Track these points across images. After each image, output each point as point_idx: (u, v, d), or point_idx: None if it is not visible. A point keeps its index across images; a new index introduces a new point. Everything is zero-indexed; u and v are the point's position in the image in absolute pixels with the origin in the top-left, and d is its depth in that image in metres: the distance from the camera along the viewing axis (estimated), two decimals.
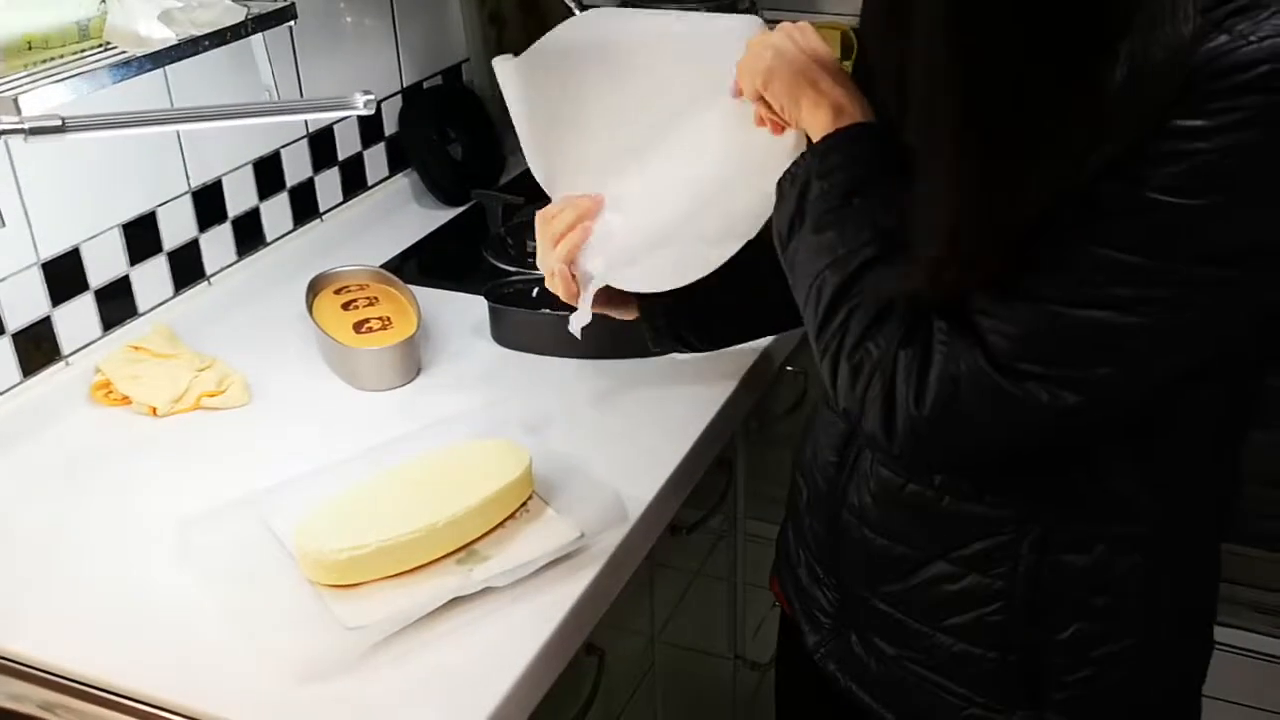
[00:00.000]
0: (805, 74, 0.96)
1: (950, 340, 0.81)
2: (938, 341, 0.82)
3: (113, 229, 1.37)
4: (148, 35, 1.15)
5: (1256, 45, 0.71)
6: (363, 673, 0.95)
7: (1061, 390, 0.79)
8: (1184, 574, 0.95)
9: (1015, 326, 0.79)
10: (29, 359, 1.29)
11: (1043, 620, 0.92)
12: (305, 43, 1.58)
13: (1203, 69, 0.72)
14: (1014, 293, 0.79)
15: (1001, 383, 0.80)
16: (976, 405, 0.81)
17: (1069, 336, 0.78)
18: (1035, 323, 0.78)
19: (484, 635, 0.98)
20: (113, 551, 1.10)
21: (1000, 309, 0.80)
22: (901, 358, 0.83)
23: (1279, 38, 0.71)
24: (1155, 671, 0.96)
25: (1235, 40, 0.72)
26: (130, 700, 0.95)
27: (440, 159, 1.82)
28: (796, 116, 0.96)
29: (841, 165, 0.90)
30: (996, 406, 0.80)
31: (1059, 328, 0.78)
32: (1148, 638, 0.93)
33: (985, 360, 0.80)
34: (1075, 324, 0.77)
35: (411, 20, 1.80)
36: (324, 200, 1.70)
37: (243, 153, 1.54)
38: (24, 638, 1.00)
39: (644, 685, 1.34)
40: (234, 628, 0.99)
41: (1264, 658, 2.01)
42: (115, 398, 1.32)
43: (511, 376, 1.36)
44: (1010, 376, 0.79)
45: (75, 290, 1.33)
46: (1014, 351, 0.79)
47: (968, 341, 0.81)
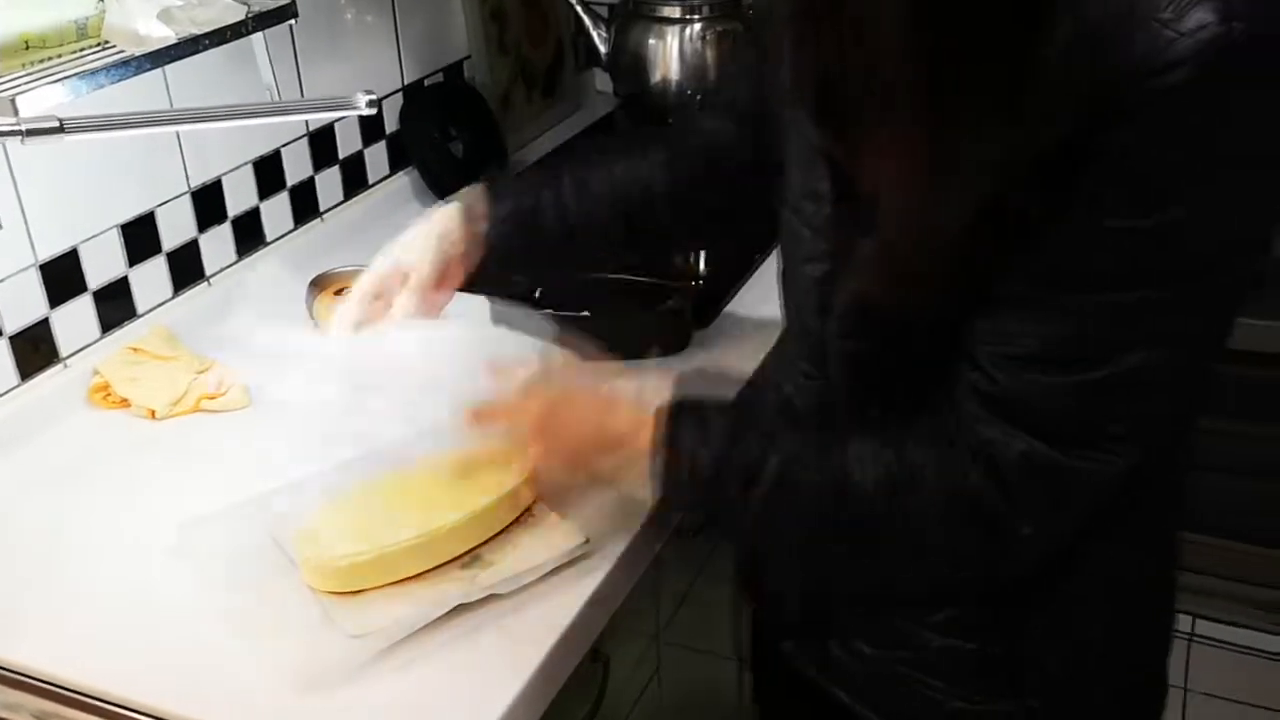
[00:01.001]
0: (581, 457, 0.95)
1: (999, 447, 0.81)
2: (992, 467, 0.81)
3: (111, 229, 1.36)
4: (147, 34, 1.13)
5: (1185, 39, 0.68)
6: (366, 681, 0.94)
7: (1116, 450, 0.79)
8: (1147, 553, 0.96)
9: (1045, 405, 0.79)
10: (27, 361, 1.28)
11: (1019, 608, 0.92)
12: (306, 41, 1.56)
13: (1131, 67, 0.69)
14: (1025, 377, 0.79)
15: (1062, 461, 0.79)
16: (1053, 490, 0.81)
17: (1101, 396, 0.78)
18: (1045, 396, 0.78)
19: (489, 643, 0.97)
20: (111, 556, 1.08)
21: (1023, 393, 0.79)
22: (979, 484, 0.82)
23: (1203, 30, 0.68)
24: (1127, 649, 0.97)
25: (1163, 31, 0.69)
26: (127, 709, 0.94)
27: (442, 157, 1.81)
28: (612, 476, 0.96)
29: (692, 441, 0.89)
30: (1068, 487, 0.81)
31: (1070, 396, 0.78)
32: (1117, 617, 0.94)
33: (1042, 446, 0.79)
34: (1085, 384, 0.77)
35: (412, 17, 1.79)
36: (325, 199, 1.68)
37: (243, 152, 1.53)
38: (19, 644, 0.99)
39: (649, 688, 1.33)
40: (234, 635, 0.98)
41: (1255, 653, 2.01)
42: (114, 400, 1.30)
43: None
44: (1070, 453, 0.79)
45: (73, 292, 1.32)
46: (1060, 432, 0.79)
47: (1013, 442, 0.80)
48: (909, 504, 0.84)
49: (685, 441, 0.89)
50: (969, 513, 0.82)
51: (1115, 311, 0.75)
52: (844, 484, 0.85)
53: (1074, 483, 0.80)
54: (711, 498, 0.91)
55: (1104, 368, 0.76)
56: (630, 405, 0.93)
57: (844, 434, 0.87)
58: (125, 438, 1.26)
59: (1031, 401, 0.79)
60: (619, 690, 1.20)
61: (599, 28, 1.94)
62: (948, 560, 0.87)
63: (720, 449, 0.88)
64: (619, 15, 1.93)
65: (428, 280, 1.07)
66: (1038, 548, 0.84)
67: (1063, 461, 0.79)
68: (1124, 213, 0.72)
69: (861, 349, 0.91)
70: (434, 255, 1.08)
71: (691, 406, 0.91)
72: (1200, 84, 0.68)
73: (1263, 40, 0.69)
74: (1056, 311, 0.77)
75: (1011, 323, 0.79)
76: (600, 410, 0.94)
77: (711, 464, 0.88)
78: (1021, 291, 0.78)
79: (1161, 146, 0.70)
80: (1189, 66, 0.68)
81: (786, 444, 0.87)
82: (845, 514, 0.85)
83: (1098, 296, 0.75)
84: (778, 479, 0.86)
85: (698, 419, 0.90)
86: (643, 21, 1.89)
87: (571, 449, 0.95)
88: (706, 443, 0.88)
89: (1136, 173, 0.71)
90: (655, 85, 1.87)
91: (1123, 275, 0.74)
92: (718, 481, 0.88)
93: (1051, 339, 0.78)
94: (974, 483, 0.81)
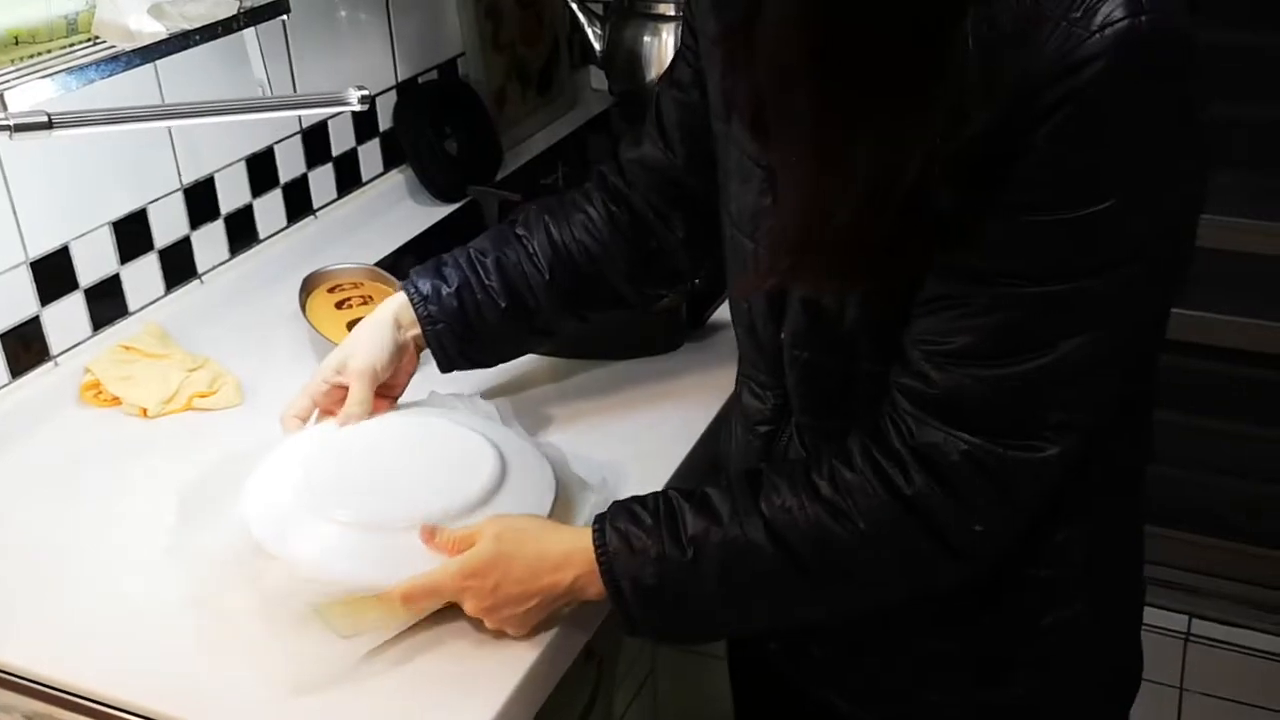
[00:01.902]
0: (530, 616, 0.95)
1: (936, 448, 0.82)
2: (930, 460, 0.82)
3: (103, 227, 1.35)
4: (138, 30, 1.13)
5: (1098, 36, 0.70)
6: (358, 681, 0.93)
7: (1056, 439, 0.80)
8: (1112, 540, 0.97)
9: (983, 400, 0.80)
10: (17, 360, 1.27)
11: (996, 600, 0.93)
12: (298, 37, 1.56)
13: (1047, 65, 0.71)
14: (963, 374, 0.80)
15: (1004, 455, 0.81)
16: (999, 485, 0.82)
17: (1029, 388, 0.79)
18: (982, 390, 0.80)
19: (482, 643, 0.96)
20: (102, 556, 1.08)
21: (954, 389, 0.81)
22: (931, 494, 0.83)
23: (1113, 26, 0.70)
24: (1102, 633, 0.98)
25: (1073, 30, 0.71)
26: (118, 710, 0.93)
27: (435, 155, 1.80)
28: None
29: (633, 554, 0.90)
30: (1014, 479, 0.82)
31: (1008, 388, 0.79)
32: (1091, 602, 0.95)
33: (982, 442, 0.81)
34: (1023, 376, 0.79)
35: (406, 14, 1.78)
36: (318, 197, 1.67)
37: (235, 149, 1.52)
38: (10, 645, 0.98)
39: (644, 689, 1.32)
40: (225, 635, 0.97)
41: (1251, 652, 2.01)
42: (105, 398, 1.29)
43: (507, 374, 1.34)
44: (1011, 445, 0.81)
45: (64, 289, 1.31)
46: (1000, 426, 0.81)
47: (948, 439, 0.81)
48: (841, 545, 0.85)
49: (621, 569, 0.90)
50: (918, 526, 0.83)
51: (1048, 302, 0.77)
52: (779, 540, 0.86)
53: (1019, 474, 0.81)
54: (669, 610, 0.91)
55: (1039, 358, 0.78)
56: (562, 556, 0.93)
57: (763, 489, 0.88)
58: (117, 436, 1.25)
59: (969, 398, 0.80)
60: (609, 693, 1.20)
61: (594, 25, 1.94)
62: (902, 578, 0.88)
63: (657, 564, 0.89)
64: (614, 13, 1.92)
65: (367, 402, 1.11)
66: (991, 544, 0.85)
67: (1005, 455, 0.80)
68: (1051, 207, 0.74)
69: (812, 359, 0.92)
70: (366, 380, 1.11)
71: (618, 532, 0.91)
72: (1114, 77, 0.70)
73: (1170, 32, 0.71)
74: (989, 306, 0.78)
75: (944, 321, 0.80)
76: (537, 570, 0.93)
77: (655, 577, 0.89)
78: (953, 289, 0.79)
79: (1083, 141, 0.72)
80: (1102, 61, 0.70)
81: (714, 529, 0.88)
82: (792, 566, 0.86)
83: (1029, 289, 0.77)
84: (720, 562, 0.88)
85: (626, 545, 0.90)
86: (638, 19, 1.88)
87: (520, 613, 0.95)
88: (641, 566, 0.89)
89: (1060, 168, 0.73)
90: (650, 83, 1.87)
91: (1053, 267, 0.76)
92: (667, 586, 0.89)
93: (985, 333, 0.79)
94: (918, 490, 0.82)
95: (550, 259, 1.14)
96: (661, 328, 1.37)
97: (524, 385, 1.32)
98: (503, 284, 1.14)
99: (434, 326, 1.14)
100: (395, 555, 0.96)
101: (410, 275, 1.17)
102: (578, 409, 1.27)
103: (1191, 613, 2.05)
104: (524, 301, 1.15)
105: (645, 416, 1.25)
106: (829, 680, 1.04)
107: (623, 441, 1.21)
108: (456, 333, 1.14)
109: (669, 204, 1.14)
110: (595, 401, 1.28)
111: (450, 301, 1.13)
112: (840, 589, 0.88)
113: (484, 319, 1.14)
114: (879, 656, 1.00)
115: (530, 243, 1.15)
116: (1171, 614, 2.03)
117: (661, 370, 1.33)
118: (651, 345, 1.36)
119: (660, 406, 1.27)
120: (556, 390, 1.31)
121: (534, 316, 1.16)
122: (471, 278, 1.14)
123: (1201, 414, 2.04)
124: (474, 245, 1.17)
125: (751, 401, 1.02)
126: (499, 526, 0.96)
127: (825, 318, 0.89)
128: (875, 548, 0.84)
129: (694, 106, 1.08)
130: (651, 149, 1.13)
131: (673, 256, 1.16)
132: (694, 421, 1.24)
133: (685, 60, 1.09)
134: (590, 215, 1.16)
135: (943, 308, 0.80)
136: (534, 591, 0.93)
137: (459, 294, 1.14)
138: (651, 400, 1.28)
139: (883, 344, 0.86)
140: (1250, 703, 2.02)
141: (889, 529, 0.83)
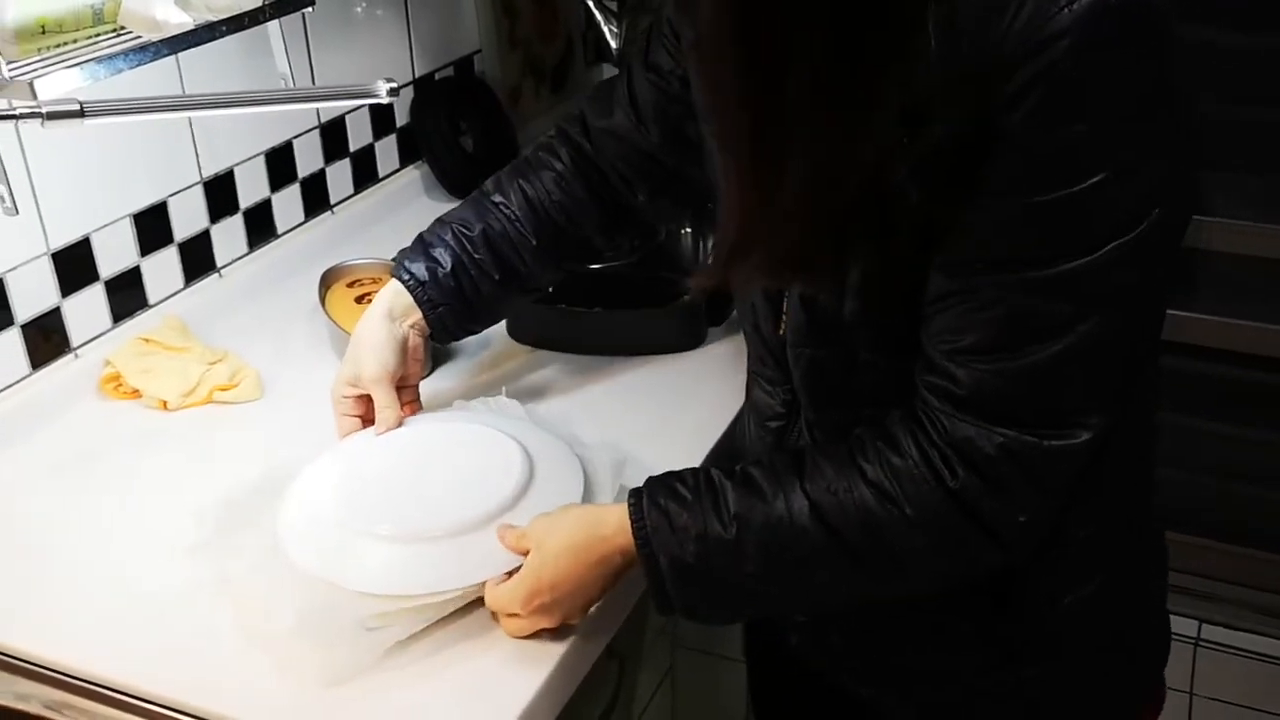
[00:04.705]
0: (569, 600, 0.94)
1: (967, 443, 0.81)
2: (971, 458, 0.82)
3: (124, 219, 1.34)
4: (164, 20, 1.12)
5: (1065, 11, 0.70)
6: (384, 677, 0.92)
7: (1084, 423, 0.80)
8: (1128, 508, 0.97)
9: (1008, 393, 0.80)
10: (37, 351, 1.27)
11: (1015, 580, 0.92)
12: (318, 32, 1.55)
13: (1015, 48, 0.71)
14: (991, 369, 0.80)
15: (1039, 444, 0.80)
16: (1038, 475, 0.82)
17: (1051, 376, 0.79)
18: (1004, 384, 0.79)
19: (505, 643, 0.96)
20: (122, 547, 1.07)
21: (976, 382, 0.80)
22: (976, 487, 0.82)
23: (1078, 1, 0.70)
24: (1120, 610, 0.98)
25: (1039, 8, 0.71)
26: (139, 700, 0.93)
27: (452, 151, 1.80)
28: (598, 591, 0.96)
29: (674, 531, 0.88)
30: (1051, 468, 0.81)
31: (1030, 378, 0.79)
32: (1108, 579, 0.95)
33: (1017, 433, 0.80)
34: (1043, 364, 0.78)
35: (424, 10, 1.78)
36: (335, 192, 1.67)
37: (255, 143, 1.52)
38: (30, 634, 0.98)
39: (663, 688, 1.32)
40: (247, 627, 0.97)
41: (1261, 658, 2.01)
42: (125, 391, 1.29)
43: (527, 372, 1.34)
44: (1045, 434, 0.80)
45: (85, 281, 1.31)
46: (1030, 416, 0.80)
47: (987, 436, 0.81)
48: (889, 531, 0.84)
49: (660, 545, 0.89)
50: (964, 516, 0.83)
51: (1052, 286, 0.76)
52: (824, 522, 0.85)
53: (1056, 463, 0.81)
54: (707, 588, 0.90)
55: (1054, 344, 0.77)
56: (607, 538, 0.92)
57: (807, 470, 0.87)
58: (137, 428, 1.25)
59: (994, 393, 0.80)
60: (630, 692, 1.19)
61: (610, 23, 1.93)
62: (947, 564, 0.87)
63: (698, 542, 0.87)
64: (630, 10, 1.91)
65: (395, 404, 1.13)
66: (1034, 533, 0.85)
67: (1040, 445, 0.80)
68: (1039, 190, 0.74)
69: (814, 355, 0.92)
70: (384, 384, 1.13)
71: (658, 508, 0.90)
72: (1084, 50, 0.70)
73: (1134, 4, 0.71)
74: (995, 298, 0.78)
75: (955, 318, 0.80)
76: (584, 563, 0.93)
77: (695, 556, 0.88)
78: (957, 285, 0.79)
79: (1060, 119, 0.72)
80: (1070, 36, 0.70)
81: (747, 503, 0.87)
82: (837, 549, 0.85)
83: (1031, 274, 0.76)
84: (761, 543, 0.86)
85: (666, 522, 0.89)
86: (653, 16, 1.88)
87: (570, 607, 0.95)
88: (682, 543, 0.88)
89: (1042, 150, 0.73)
90: None
91: (1050, 250, 0.75)
92: (708, 564, 0.88)
93: (997, 326, 0.78)
94: (962, 484, 0.81)
95: (533, 223, 1.17)
96: (682, 326, 1.36)
97: (547, 384, 1.31)
98: (493, 257, 1.16)
99: (435, 310, 1.15)
100: (437, 564, 0.97)
101: (399, 260, 1.18)
102: (600, 407, 1.27)
103: (1201, 618, 2.05)
104: (515, 269, 1.17)
105: (667, 414, 1.25)
106: (849, 665, 1.04)
107: (644, 439, 1.20)
108: (456, 311, 1.16)
109: (637, 174, 1.17)
110: (617, 399, 1.28)
111: (447, 282, 1.15)
112: (884, 573, 0.87)
113: (480, 293, 1.17)
114: (898, 639, 0.99)
115: (509, 209, 1.18)
116: (1181, 619, 2.02)
117: (683, 367, 1.33)
118: (673, 343, 1.35)
119: (682, 403, 1.27)
120: (579, 388, 1.30)
121: (525, 280, 1.19)
122: (463, 255, 1.16)
123: (1213, 419, 2.03)
124: (455, 219, 1.18)
125: (762, 397, 1.02)
126: (540, 533, 0.96)
127: (823, 314, 0.89)
128: (922, 534, 0.83)
129: (673, 95, 1.10)
130: (624, 120, 1.15)
131: (642, 214, 1.21)
132: (715, 418, 1.23)
133: (665, 49, 1.10)
134: (559, 172, 1.19)
135: (952, 305, 0.80)
136: (589, 584, 0.93)
137: (455, 274, 1.15)
138: (673, 397, 1.28)
139: (883, 336, 0.86)
140: (1261, 708, 2.02)
141: (935, 516, 0.83)
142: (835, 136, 0.74)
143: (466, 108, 1.85)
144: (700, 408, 1.25)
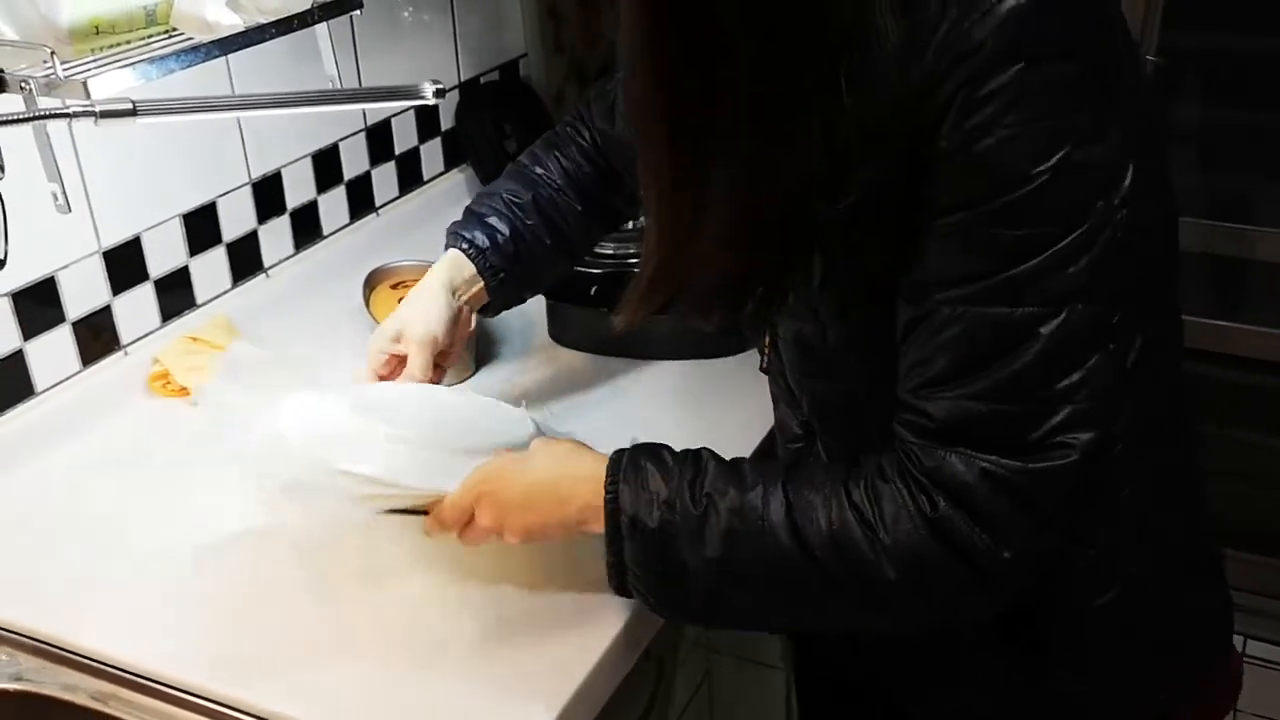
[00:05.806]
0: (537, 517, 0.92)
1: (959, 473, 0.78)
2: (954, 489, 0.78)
3: (173, 219, 1.36)
4: (215, 21, 1.13)
5: (982, 19, 0.70)
6: (420, 682, 0.93)
7: (1071, 441, 0.76)
8: (1179, 519, 0.94)
9: (984, 416, 0.77)
10: (88, 348, 1.28)
11: (1044, 584, 0.88)
12: (364, 35, 1.57)
13: (937, 62, 0.71)
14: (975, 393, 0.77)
15: (1024, 467, 0.77)
16: (1027, 501, 0.78)
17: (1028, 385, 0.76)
18: (981, 407, 0.77)
19: (544, 643, 0.96)
20: (169, 542, 1.08)
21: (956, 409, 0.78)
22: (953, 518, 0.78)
23: (997, 7, 0.70)
24: (1152, 613, 0.93)
25: (956, 24, 0.70)
26: (184, 692, 0.94)
27: (497, 154, 1.81)
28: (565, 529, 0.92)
29: (644, 490, 0.86)
30: (1040, 491, 0.78)
31: (1005, 395, 0.76)
32: (1138, 583, 0.90)
33: (998, 459, 0.77)
34: (1015, 376, 0.75)
35: (469, 14, 1.79)
36: (380, 194, 1.68)
37: (302, 145, 1.53)
38: (77, 628, 0.99)
39: (699, 694, 1.32)
40: (292, 622, 0.98)
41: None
42: (173, 389, 1.31)
43: (569, 375, 1.34)
44: (1030, 457, 0.77)
45: (135, 280, 1.33)
46: (1010, 438, 0.77)
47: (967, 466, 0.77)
48: (860, 552, 0.80)
49: (627, 502, 0.86)
50: (940, 549, 0.78)
51: (1010, 290, 0.74)
52: (795, 530, 0.81)
53: (1045, 485, 0.77)
54: (659, 561, 0.86)
55: (1023, 353, 0.75)
56: (579, 477, 0.90)
57: (796, 478, 0.84)
58: (184, 426, 1.26)
59: (972, 419, 0.77)
60: (667, 695, 1.19)
61: None
62: (920, 602, 0.82)
63: (664, 508, 0.85)
64: None
65: (428, 369, 1.11)
66: (1022, 569, 0.80)
67: (1025, 468, 0.76)
68: (985, 199, 0.73)
69: (813, 386, 0.92)
70: (426, 347, 1.11)
71: (635, 466, 0.88)
72: (1006, 53, 0.70)
73: (1050, 5, 0.71)
74: (954, 316, 0.76)
75: (922, 347, 0.78)
76: (545, 486, 0.92)
77: (657, 521, 0.85)
78: (918, 310, 0.78)
79: (990, 127, 0.71)
80: (990, 43, 0.70)
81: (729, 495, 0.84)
82: (801, 557, 0.81)
83: (987, 282, 0.74)
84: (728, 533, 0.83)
85: (639, 481, 0.87)
86: None
87: (511, 515, 0.92)
88: (649, 506, 0.85)
89: (979, 160, 0.72)
90: None
91: (1005, 256, 0.74)
92: (667, 534, 0.85)
93: (964, 344, 0.76)
94: (940, 513, 0.78)
95: (576, 190, 1.20)
96: (722, 330, 1.36)
97: (584, 385, 1.32)
98: (544, 223, 1.18)
99: (497, 276, 1.16)
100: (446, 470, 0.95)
101: (455, 231, 1.18)
102: (640, 411, 1.27)
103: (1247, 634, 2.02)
104: (565, 235, 1.20)
105: (708, 417, 1.25)
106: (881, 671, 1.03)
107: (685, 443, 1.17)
108: (516, 276, 1.18)
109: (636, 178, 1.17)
110: (658, 402, 1.28)
111: (508, 248, 1.17)
112: (846, 597, 0.82)
113: (535, 258, 1.18)
114: (923, 645, 0.97)
115: (552, 179, 1.21)
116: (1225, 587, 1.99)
117: (721, 372, 1.33)
118: (714, 347, 1.35)
119: (723, 407, 1.26)
120: (618, 390, 1.31)
121: (573, 248, 1.23)
122: (517, 223, 1.18)
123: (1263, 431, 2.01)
124: (503, 189, 1.20)
125: (783, 418, 1.02)
126: (530, 449, 0.95)
127: (810, 346, 0.88)
128: (895, 563, 0.79)
129: None
130: (625, 130, 1.16)
131: None
132: (753, 425, 1.23)
133: None
134: (585, 144, 1.23)
135: (919, 333, 0.78)
136: (545, 497, 0.91)
137: (514, 240, 1.17)
138: (712, 403, 1.28)
139: (868, 363, 0.85)
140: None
141: (914, 545, 0.79)
142: (758, 162, 0.74)
143: (511, 111, 1.86)
144: (741, 412, 1.25)
